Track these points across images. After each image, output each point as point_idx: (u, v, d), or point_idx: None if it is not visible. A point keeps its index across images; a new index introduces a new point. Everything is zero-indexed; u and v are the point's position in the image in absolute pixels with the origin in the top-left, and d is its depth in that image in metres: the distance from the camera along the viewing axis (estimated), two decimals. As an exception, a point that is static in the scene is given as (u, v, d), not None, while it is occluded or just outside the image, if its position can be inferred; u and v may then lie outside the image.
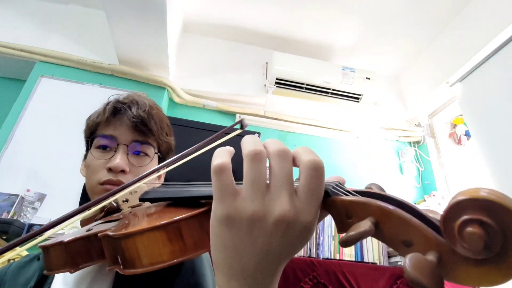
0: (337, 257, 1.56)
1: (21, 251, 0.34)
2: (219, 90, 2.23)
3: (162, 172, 0.45)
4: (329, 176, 0.31)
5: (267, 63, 2.37)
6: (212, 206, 0.28)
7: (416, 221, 0.22)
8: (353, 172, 2.32)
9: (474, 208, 0.18)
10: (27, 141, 1.72)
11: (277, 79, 2.13)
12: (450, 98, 2.29)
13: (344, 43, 2.37)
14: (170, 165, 0.47)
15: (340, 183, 0.30)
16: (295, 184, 0.27)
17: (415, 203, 2.18)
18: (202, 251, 0.34)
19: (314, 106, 2.31)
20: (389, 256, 1.64)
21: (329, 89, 2.16)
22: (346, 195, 0.27)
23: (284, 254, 0.27)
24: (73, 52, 2.01)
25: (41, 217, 1.56)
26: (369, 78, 2.21)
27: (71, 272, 0.44)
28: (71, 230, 0.69)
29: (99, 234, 0.41)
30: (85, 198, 1.82)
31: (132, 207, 0.56)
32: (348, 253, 1.60)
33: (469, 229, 0.18)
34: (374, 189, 0.28)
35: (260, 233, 0.26)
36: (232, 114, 2.26)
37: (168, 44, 1.82)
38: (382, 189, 0.28)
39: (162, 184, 0.58)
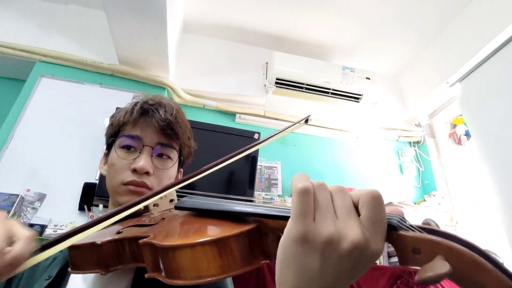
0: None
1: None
2: (219, 90, 2.23)
3: (196, 178, 0.46)
4: (388, 209, 0.32)
5: (267, 63, 2.37)
6: (288, 225, 0.29)
7: (489, 265, 0.23)
8: (353, 172, 2.32)
9: None
10: (27, 141, 1.71)
11: (277, 79, 2.13)
12: (450, 98, 2.29)
13: (344, 43, 2.37)
14: (204, 172, 0.47)
15: (402, 218, 0.30)
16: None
17: (415, 203, 2.18)
18: (247, 268, 0.35)
19: (314, 106, 2.31)
20: (389, 256, 1.64)
21: (329, 89, 2.16)
22: (413, 230, 0.28)
23: (350, 278, 0.28)
24: (73, 52, 2.01)
25: (41, 217, 1.56)
26: (369, 78, 2.21)
27: (102, 274, 0.44)
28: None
29: (140, 241, 0.40)
30: (85, 198, 1.83)
31: (161, 211, 0.56)
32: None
33: None
34: (432, 225, 0.29)
35: (333, 256, 0.27)
36: (232, 114, 2.26)
37: (168, 44, 1.82)
38: (437, 225, 0.29)
39: (183, 192, 0.58)
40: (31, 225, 1.51)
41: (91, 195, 1.60)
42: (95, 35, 2.13)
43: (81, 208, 1.60)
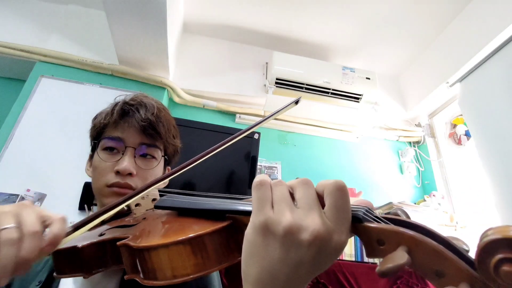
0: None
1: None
2: (219, 90, 2.23)
3: (176, 175, 0.46)
4: (356, 201, 0.32)
5: (267, 63, 2.37)
6: (251, 216, 0.30)
7: (449, 254, 0.23)
8: (353, 172, 2.32)
9: (509, 247, 0.20)
10: (27, 141, 1.71)
11: (277, 79, 2.13)
12: (450, 98, 2.29)
13: (344, 43, 2.37)
14: (184, 168, 0.47)
15: (369, 209, 0.30)
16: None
17: (415, 203, 2.18)
18: (224, 265, 0.35)
19: (314, 106, 2.31)
20: (389, 256, 1.64)
21: (329, 89, 2.16)
22: (378, 221, 0.28)
23: (313, 270, 0.28)
24: (73, 52, 2.01)
25: (41, 217, 1.56)
26: (369, 78, 2.21)
27: (85, 277, 0.44)
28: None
29: (118, 243, 0.41)
30: (85, 198, 1.83)
31: (143, 211, 0.56)
32: (348, 253, 1.60)
33: (505, 268, 0.20)
34: (401, 216, 0.29)
35: (293, 245, 0.27)
36: (232, 114, 2.26)
37: (168, 44, 1.82)
38: (408, 216, 0.29)
39: (166, 191, 0.58)
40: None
41: (91, 194, 1.60)
42: (95, 35, 2.13)
43: (81, 208, 1.60)
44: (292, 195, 0.30)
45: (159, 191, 0.58)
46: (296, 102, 0.55)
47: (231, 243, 0.36)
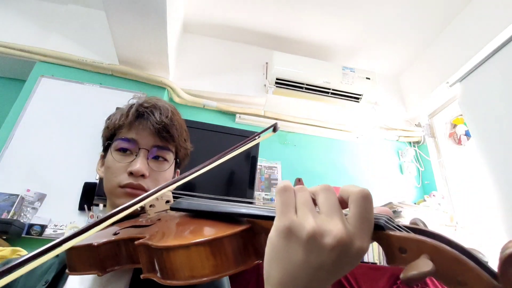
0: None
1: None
2: (219, 90, 2.23)
3: (190, 178, 0.46)
4: (375, 209, 0.32)
5: (267, 63, 2.37)
6: (274, 221, 0.31)
7: (471, 263, 0.23)
8: (353, 172, 2.32)
9: None
10: (27, 141, 1.71)
11: (277, 79, 2.13)
12: (450, 98, 2.29)
13: (344, 43, 2.37)
14: (196, 172, 0.48)
15: (389, 218, 0.31)
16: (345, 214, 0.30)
17: (415, 203, 2.18)
18: (241, 268, 0.36)
19: (314, 106, 2.31)
20: (389, 256, 1.64)
21: (329, 89, 2.16)
22: (399, 230, 0.28)
23: (333, 274, 0.29)
24: (73, 52, 2.01)
25: (41, 217, 1.56)
26: (369, 78, 2.21)
27: (99, 275, 0.45)
28: (71, 230, 0.68)
29: (136, 242, 0.41)
30: (85, 198, 1.83)
31: (158, 212, 0.57)
32: (348, 253, 1.60)
33: None
34: (419, 225, 0.29)
35: (316, 249, 0.28)
36: (232, 114, 2.26)
37: (168, 44, 1.82)
38: (425, 225, 0.30)
39: (179, 193, 0.58)
40: (31, 225, 1.51)
41: (91, 194, 1.60)
42: (95, 35, 2.13)
43: (81, 208, 1.60)
44: (314, 201, 0.31)
45: (172, 193, 0.59)
46: (274, 129, 0.56)
47: (249, 246, 0.37)
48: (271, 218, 0.32)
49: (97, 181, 1.63)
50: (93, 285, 0.54)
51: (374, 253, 1.61)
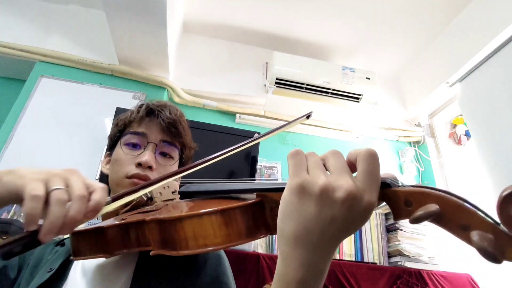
0: (337, 257, 1.56)
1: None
2: (219, 90, 2.23)
3: (199, 167, 0.49)
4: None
5: (267, 63, 2.37)
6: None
7: (474, 209, 0.26)
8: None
9: None
10: (27, 141, 1.72)
11: (277, 79, 2.13)
12: (450, 98, 2.29)
13: (344, 43, 2.37)
14: (207, 162, 0.50)
15: (395, 178, 0.33)
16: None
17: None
18: (251, 239, 0.37)
19: (314, 106, 2.31)
20: (389, 256, 1.64)
21: (329, 89, 2.16)
22: (404, 186, 0.31)
23: (345, 228, 0.31)
24: (73, 52, 2.01)
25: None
26: (369, 78, 2.21)
27: (106, 258, 0.46)
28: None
29: (147, 218, 0.42)
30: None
31: (164, 201, 0.59)
32: (348, 253, 1.60)
33: None
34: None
35: (328, 202, 0.30)
36: (232, 114, 2.26)
37: (168, 44, 1.82)
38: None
39: (186, 182, 0.60)
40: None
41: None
42: (95, 35, 2.13)
43: (81, 208, 1.60)
44: (324, 166, 0.33)
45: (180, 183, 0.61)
46: (308, 117, 0.58)
47: (259, 219, 0.39)
48: (282, 190, 0.34)
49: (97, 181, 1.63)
50: (96, 276, 0.55)
51: (374, 253, 1.61)
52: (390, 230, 1.66)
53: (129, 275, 0.54)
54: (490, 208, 0.28)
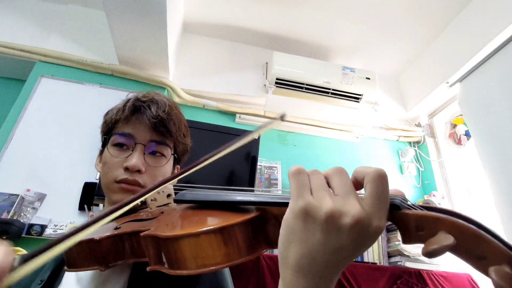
0: (337, 257, 1.56)
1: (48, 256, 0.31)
2: (219, 90, 2.23)
3: (191, 172, 0.46)
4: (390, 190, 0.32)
5: (267, 63, 2.37)
6: (290, 204, 0.31)
7: (490, 238, 0.24)
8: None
9: None
10: (27, 141, 1.71)
11: (277, 79, 2.13)
12: (450, 98, 2.29)
13: (344, 43, 2.37)
14: (198, 165, 0.47)
15: (404, 198, 0.31)
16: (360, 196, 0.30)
17: (414, 203, 2.18)
18: (252, 256, 0.35)
19: (314, 106, 2.31)
20: (389, 256, 1.64)
21: (329, 89, 2.16)
22: (414, 209, 0.28)
23: (351, 254, 0.29)
24: (73, 52, 2.01)
25: (41, 217, 1.56)
26: (369, 78, 2.21)
27: (101, 270, 0.44)
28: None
29: (142, 234, 0.40)
30: (85, 198, 1.83)
31: (159, 206, 0.56)
32: (348, 253, 1.60)
33: None
34: (431, 205, 0.29)
35: (334, 229, 0.28)
36: (232, 114, 2.26)
37: (168, 44, 1.82)
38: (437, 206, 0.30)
39: (181, 186, 0.57)
40: (31, 225, 1.51)
41: (91, 194, 1.60)
42: (95, 35, 2.13)
43: (81, 208, 1.60)
44: (328, 184, 0.31)
45: (173, 187, 0.58)
46: (282, 118, 0.55)
47: (260, 234, 0.37)
48: (283, 205, 0.32)
49: (97, 181, 1.63)
50: (91, 284, 0.54)
51: (374, 253, 1.61)
52: (390, 230, 1.66)
53: (125, 281, 0.53)
54: (490, 208, 0.27)
